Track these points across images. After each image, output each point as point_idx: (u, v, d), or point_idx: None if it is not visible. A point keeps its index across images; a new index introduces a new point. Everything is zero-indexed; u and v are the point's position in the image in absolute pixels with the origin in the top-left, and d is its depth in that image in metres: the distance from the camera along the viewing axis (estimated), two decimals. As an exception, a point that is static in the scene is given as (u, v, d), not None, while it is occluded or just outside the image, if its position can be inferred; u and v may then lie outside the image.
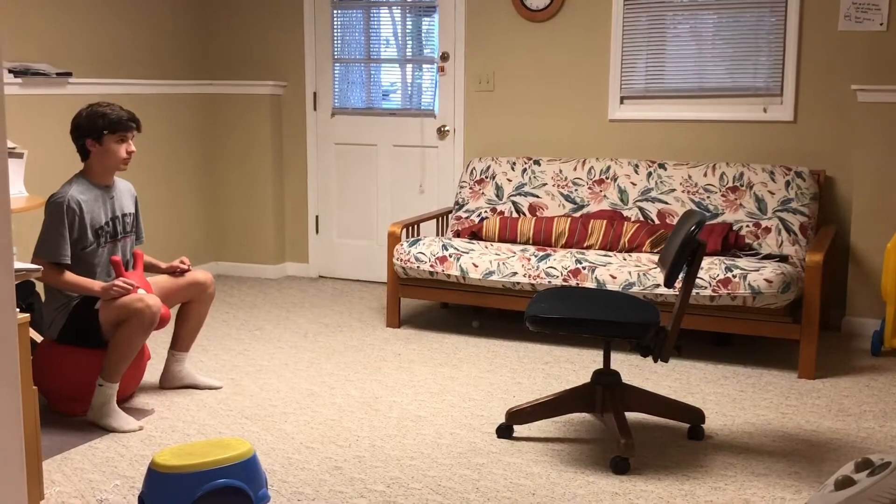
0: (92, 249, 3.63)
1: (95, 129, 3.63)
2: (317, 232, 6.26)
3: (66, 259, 3.53)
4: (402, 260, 4.83)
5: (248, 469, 2.69)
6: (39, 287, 4.46)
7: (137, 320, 3.47)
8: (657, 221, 4.93)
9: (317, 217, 6.25)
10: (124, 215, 3.79)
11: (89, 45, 5.35)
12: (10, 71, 4.72)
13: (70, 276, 3.54)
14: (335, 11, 6.00)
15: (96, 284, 3.55)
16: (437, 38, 5.76)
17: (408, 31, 5.94)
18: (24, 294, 4.27)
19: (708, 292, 4.20)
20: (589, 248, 4.82)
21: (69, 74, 5.09)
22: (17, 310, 1.82)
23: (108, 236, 3.69)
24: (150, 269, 3.89)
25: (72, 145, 3.71)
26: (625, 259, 4.51)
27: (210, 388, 3.97)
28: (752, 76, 5.10)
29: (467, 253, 4.73)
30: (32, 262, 3.51)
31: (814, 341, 4.11)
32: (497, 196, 5.32)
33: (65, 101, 5.13)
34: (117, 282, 3.53)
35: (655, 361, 3.31)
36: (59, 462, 3.20)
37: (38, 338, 4.24)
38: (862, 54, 4.82)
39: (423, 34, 5.91)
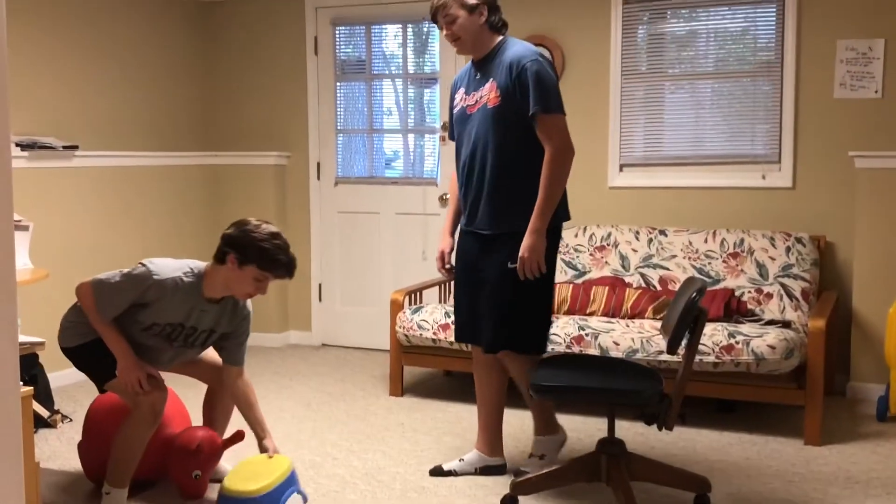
0: (137, 332, 3.34)
1: (245, 254, 3.26)
2: (320, 300, 6.27)
3: (107, 318, 3.28)
4: (404, 327, 4.83)
5: (294, 476, 3.42)
6: (43, 358, 4.47)
7: (139, 416, 3.27)
8: (659, 287, 4.94)
9: (320, 285, 6.27)
10: (207, 331, 3.44)
11: (95, 119, 5.44)
12: (17, 144, 4.79)
13: (108, 326, 3.28)
14: (338, 84, 6.10)
15: (124, 356, 3.28)
16: (439, 107, 5.85)
17: (409, 101, 6.03)
18: (27, 366, 4.28)
19: (711, 358, 4.19)
20: (591, 314, 4.82)
21: (76, 147, 5.16)
22: (21, 383, 1.82)
23: (160, 334, 3.37)
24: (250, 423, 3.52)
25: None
26: (628, 325, 4.52)
27: None
28: (750, 143, 5.16)
29: (470, 320, 4.72)
30: (84, 289, 3.31)
31: (819, 407, 4.09)
32: (499, 263, 5.32)
33: (71, 173, 5.19)
34: (143, 375, 3.26)
35: (660, 429, 3.29)
36: (60, 536, 3.17)
37: (43, 412, 4.23)
38: (858, 121, 4.88)
39: (424, 104, 6.00)
